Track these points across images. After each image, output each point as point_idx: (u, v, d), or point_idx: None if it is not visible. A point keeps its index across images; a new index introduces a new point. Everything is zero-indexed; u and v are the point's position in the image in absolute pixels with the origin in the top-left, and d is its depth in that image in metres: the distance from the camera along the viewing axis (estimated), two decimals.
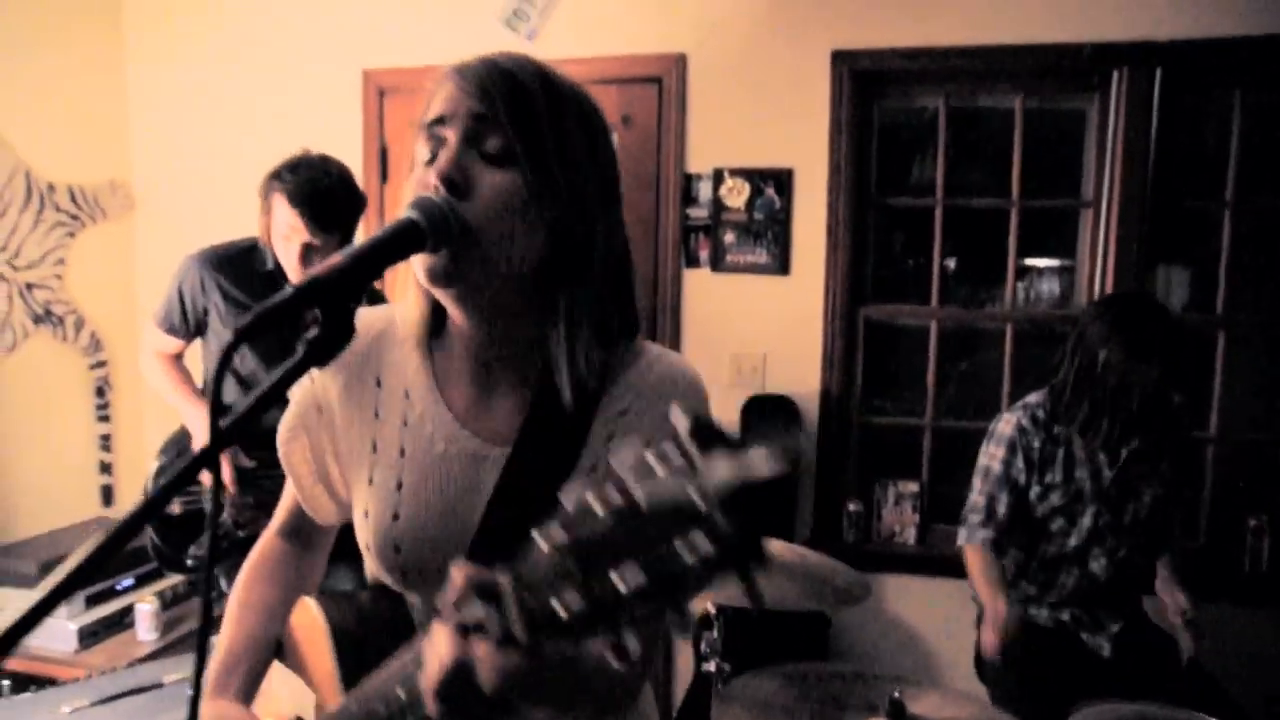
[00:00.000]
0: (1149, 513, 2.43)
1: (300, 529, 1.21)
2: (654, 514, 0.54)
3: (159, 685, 2.31)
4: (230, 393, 2.52)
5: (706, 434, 0.53)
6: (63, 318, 3.39)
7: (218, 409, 0.62)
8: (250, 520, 2.44)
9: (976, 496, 2.49)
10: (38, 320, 3.29)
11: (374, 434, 1.04)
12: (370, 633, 1.07)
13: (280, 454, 1.10)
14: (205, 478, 2.48)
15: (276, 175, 2.30)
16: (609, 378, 0.99)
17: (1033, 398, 2.49)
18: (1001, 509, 2.44)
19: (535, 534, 0.59)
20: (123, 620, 2.99)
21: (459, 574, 0.68)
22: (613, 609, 0.56)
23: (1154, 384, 2.30)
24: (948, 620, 3.04)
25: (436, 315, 1.01)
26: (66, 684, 2.32)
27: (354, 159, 3.34)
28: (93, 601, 2.96)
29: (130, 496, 3.59)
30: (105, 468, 3.58)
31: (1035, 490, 2.43)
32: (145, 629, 2.95)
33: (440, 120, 0.92)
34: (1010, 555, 2.50)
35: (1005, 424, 2.46)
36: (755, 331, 3.17)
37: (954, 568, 2.90)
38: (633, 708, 1.00)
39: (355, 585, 2.74)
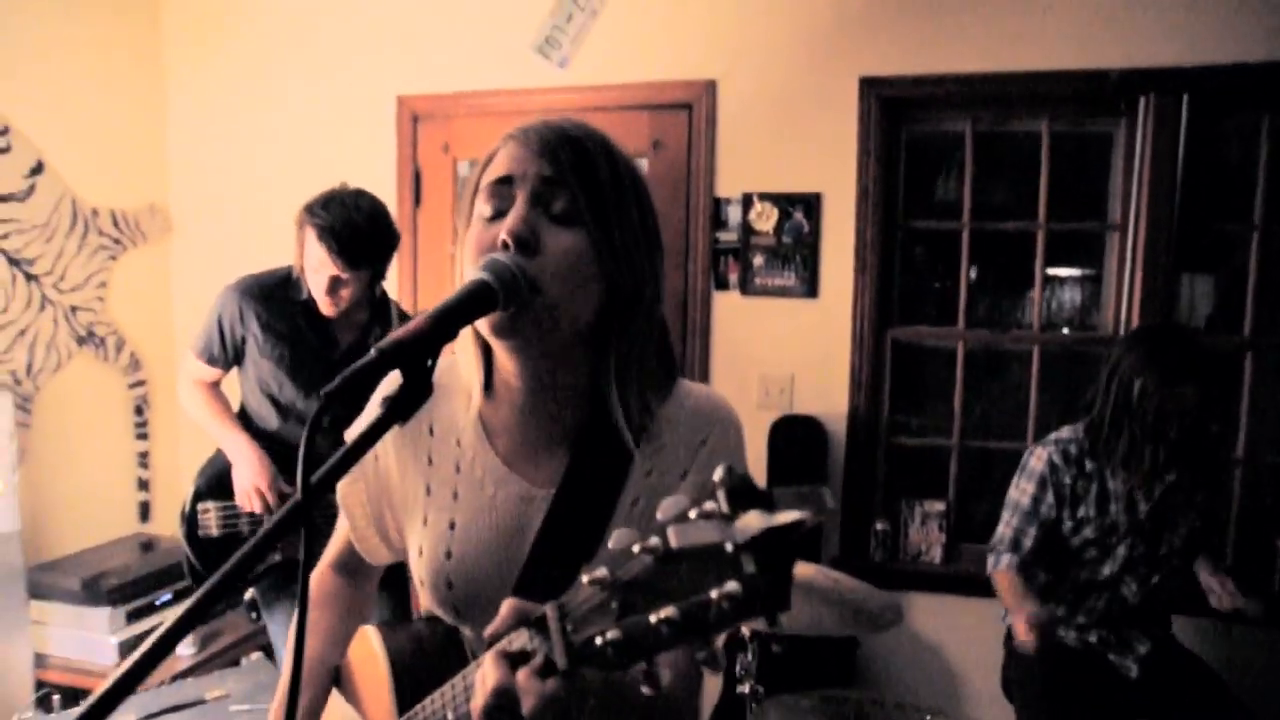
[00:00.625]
0: (1184, 543, 2.45)
1: (350, 564, 1.26)
2: (689, 559, 0.60)
3: (201, 701, 2.37)
4: (270, 418, 2.58)
5: (742, 488, 0.59)
6: (104, 339, 3.47)
7: (310, 465, 0.66)
8: (289, 544, 2.49)
9: (1004, 529, 2.51)
10: (81, 341, 3.37)
11: (428, 479, 1.09)
12: (425, 662, 1.12)
13: (338, 497, 1.15)
14: (247, 503, 2.54)
15: (309, 209, 2.36)
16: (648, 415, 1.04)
17: (1065, 432, 2.50)
18: (1028, 542, 2.45)
19: (582, 572, 0.65)
20: None
21: (507, 606, 0.75)
22: (648, 642, 0.62)
23: (1192, 413, 2.31)
24: (974, 640, 3.05)
25: (485, 365, 1.06)
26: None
27: (388, 183, 3.40)
28: (133, 617, 3.02)
29: (166, 513, 3.66)
30: (143, 484, 3.65)
31: (1068, 525, 2.44)
32: (184, 644, 3.00)
33: (507, 180, 0.96)
34: (1040, 579, 2.52)
35: (1036, 459, 2.47)
36: (783, 353, 3.20)
37: (980, 587, 2.91)
38: None
39: (391, 613, 2.79)
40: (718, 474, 0.60)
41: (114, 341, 3.51)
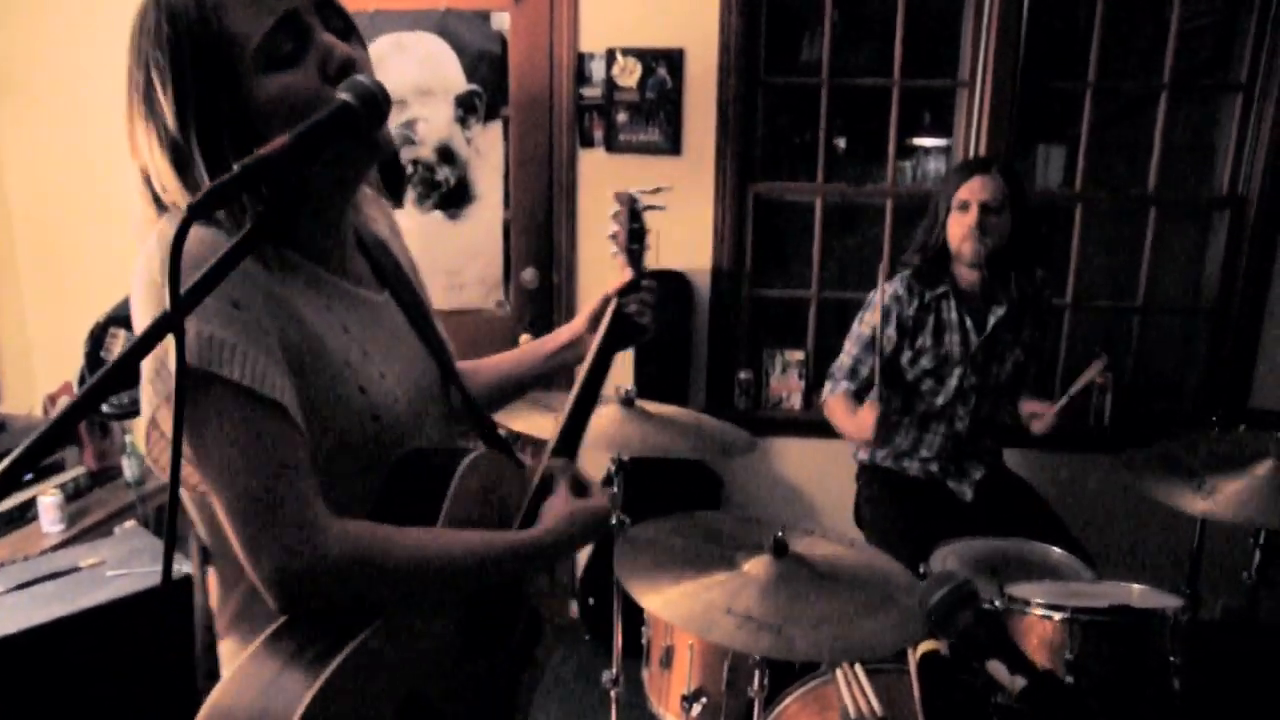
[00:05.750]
0: (1009, 376, 2.68)
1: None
2: None
3: (76, 569, 2.36)
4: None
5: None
6: None
7: (177, 280, 0.68)
8: None
9: (844, 358, 2.70)
10: None
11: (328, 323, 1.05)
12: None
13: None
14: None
15: None
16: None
17: (909, 270, 2.68)
18: (864, 370, 2.64)
19: None
20: (25, 515, 2.97)
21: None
22: None
23: (994, 209, 2.50)
24: (830, 477, 3.28)
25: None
26: None
27: None
28: None
29: (15, 394, 3.51)
30: None
31: (907, 354, 2.63)
32: (50, 521, 2.94)
33: (294, 13, 0.94)
34: (894, 405, 2.73)
35: (880, 293, 2.60)
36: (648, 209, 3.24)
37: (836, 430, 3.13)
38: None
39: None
40: None
41: None
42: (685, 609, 1.49)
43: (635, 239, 1.46)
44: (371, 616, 0.93)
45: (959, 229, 2.54)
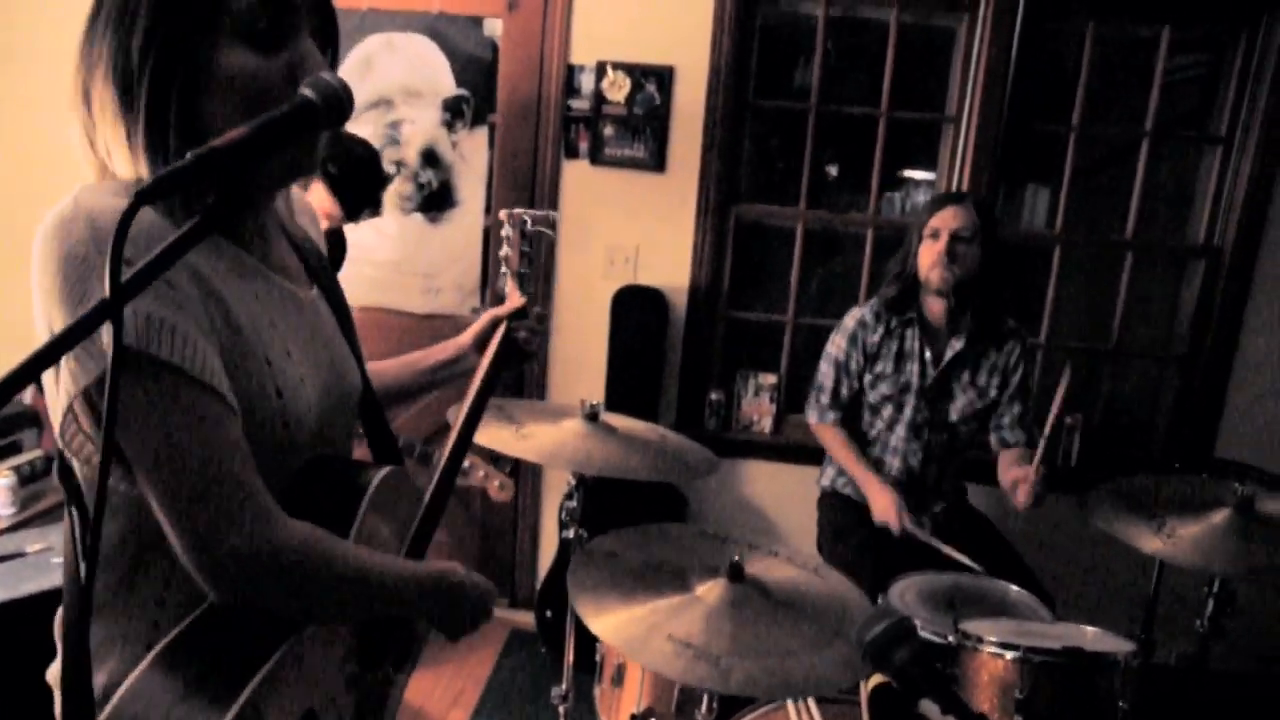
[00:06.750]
0: (961, 417, 2.68)
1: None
2: None
3: (21, 555, 2.32)
4: None
5: None
6: None
7: (118, 264, 0.66)
8: None
9: (823, 378, 2.74)
10: None
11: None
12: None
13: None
14: None
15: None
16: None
17: (879, 298, 2.71)
18: (845, 391, 2.70)
19: None
20: None
21: None
22: None
23: (963, 242, 2.53)
24: (797, 501, 3.25)
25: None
26: None
27: None
28: None
29: None
30: None
31: (868, 378, 2.68)
32: (2, 503, 2.89)
33: (289, 6, 0.93)
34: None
35: (850, 318, 2.69)
36: (629, 225, 3.25)
37: (805, 454, 3.13)
38: None
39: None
40: None
41: None
42: (628, 630, 1.46)
43: (525, 262, 1.45)
44: (276, 640, 0.91)
45: (929, 256, 2.57)
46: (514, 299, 1.41)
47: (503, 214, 1.46)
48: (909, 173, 3.66)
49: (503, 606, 3.51)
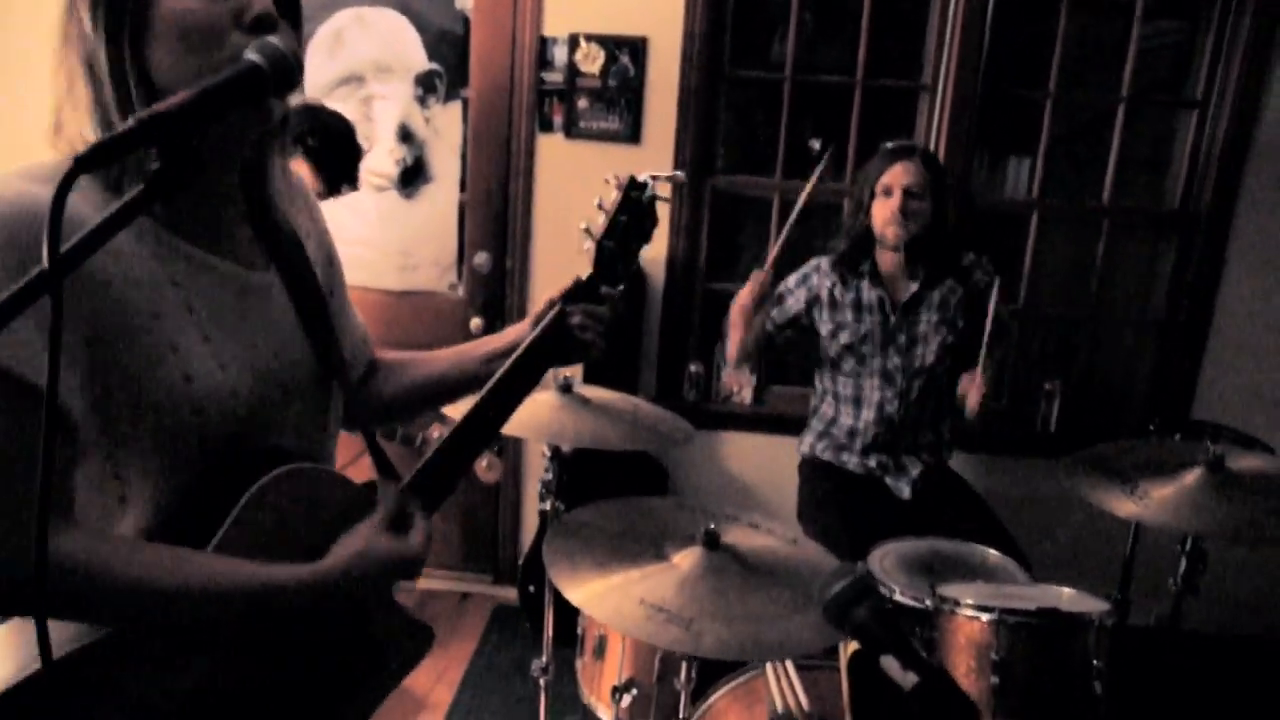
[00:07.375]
0: (936, 357, 2.70)
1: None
2: None
3: None
4: None
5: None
6: None
7: (57, 236, 0.64)
8: None
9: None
10: None
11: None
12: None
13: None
14: None
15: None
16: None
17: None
18: (790, 301, 2.75)
19: None
20: None
21: None
22: None
23: (916, 193, 2.57)
24: (777, 472, 3.27)
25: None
26: None
27: None
28: None
29: None
30: None
31: (828, 327, 2.71)
32: None
33: None
34: (825, 399, 2.80)
35: (809, 264, 2.77)
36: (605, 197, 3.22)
37: (786, 425, 3.14)
38: None
39: None
40: None
41: None
42: (603, 598, 1.47)
43: (614, 232, 1.20)
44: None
45: (883, 213, 2.61)
46: (583, 276, 1.19)
47: (610, 177, 1.22)
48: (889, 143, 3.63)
49: (486, 583, 3.52)
